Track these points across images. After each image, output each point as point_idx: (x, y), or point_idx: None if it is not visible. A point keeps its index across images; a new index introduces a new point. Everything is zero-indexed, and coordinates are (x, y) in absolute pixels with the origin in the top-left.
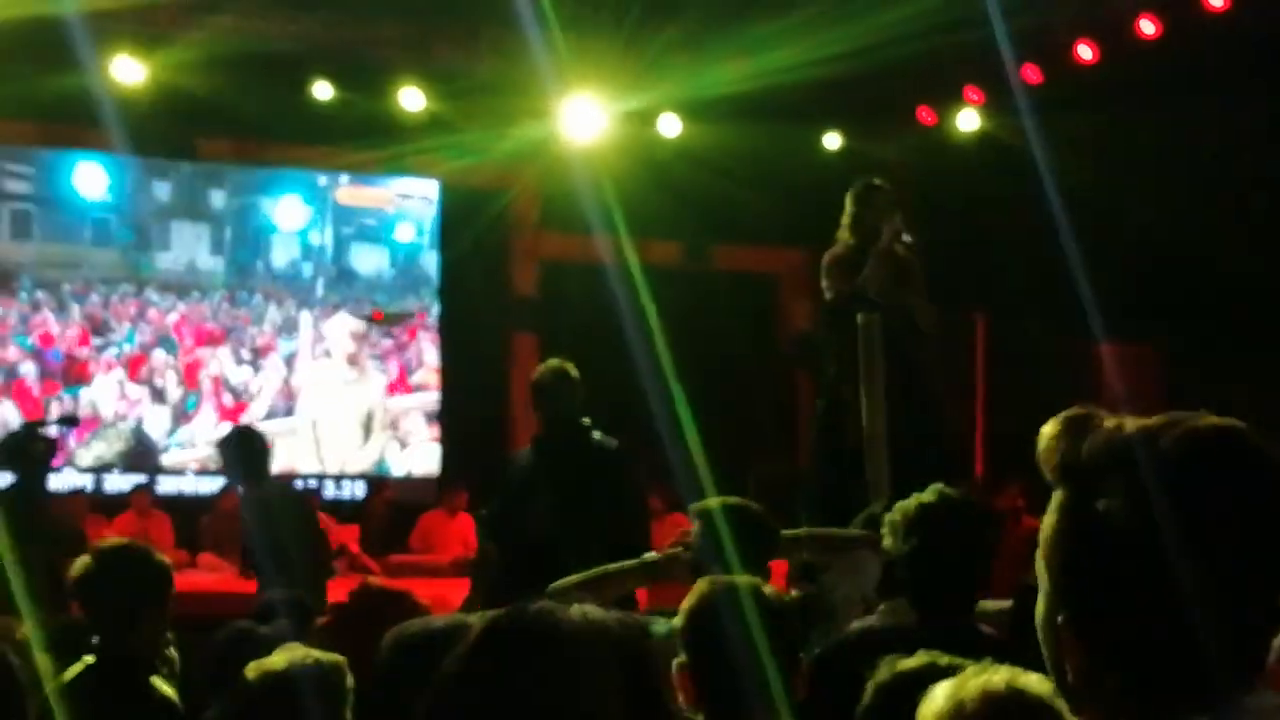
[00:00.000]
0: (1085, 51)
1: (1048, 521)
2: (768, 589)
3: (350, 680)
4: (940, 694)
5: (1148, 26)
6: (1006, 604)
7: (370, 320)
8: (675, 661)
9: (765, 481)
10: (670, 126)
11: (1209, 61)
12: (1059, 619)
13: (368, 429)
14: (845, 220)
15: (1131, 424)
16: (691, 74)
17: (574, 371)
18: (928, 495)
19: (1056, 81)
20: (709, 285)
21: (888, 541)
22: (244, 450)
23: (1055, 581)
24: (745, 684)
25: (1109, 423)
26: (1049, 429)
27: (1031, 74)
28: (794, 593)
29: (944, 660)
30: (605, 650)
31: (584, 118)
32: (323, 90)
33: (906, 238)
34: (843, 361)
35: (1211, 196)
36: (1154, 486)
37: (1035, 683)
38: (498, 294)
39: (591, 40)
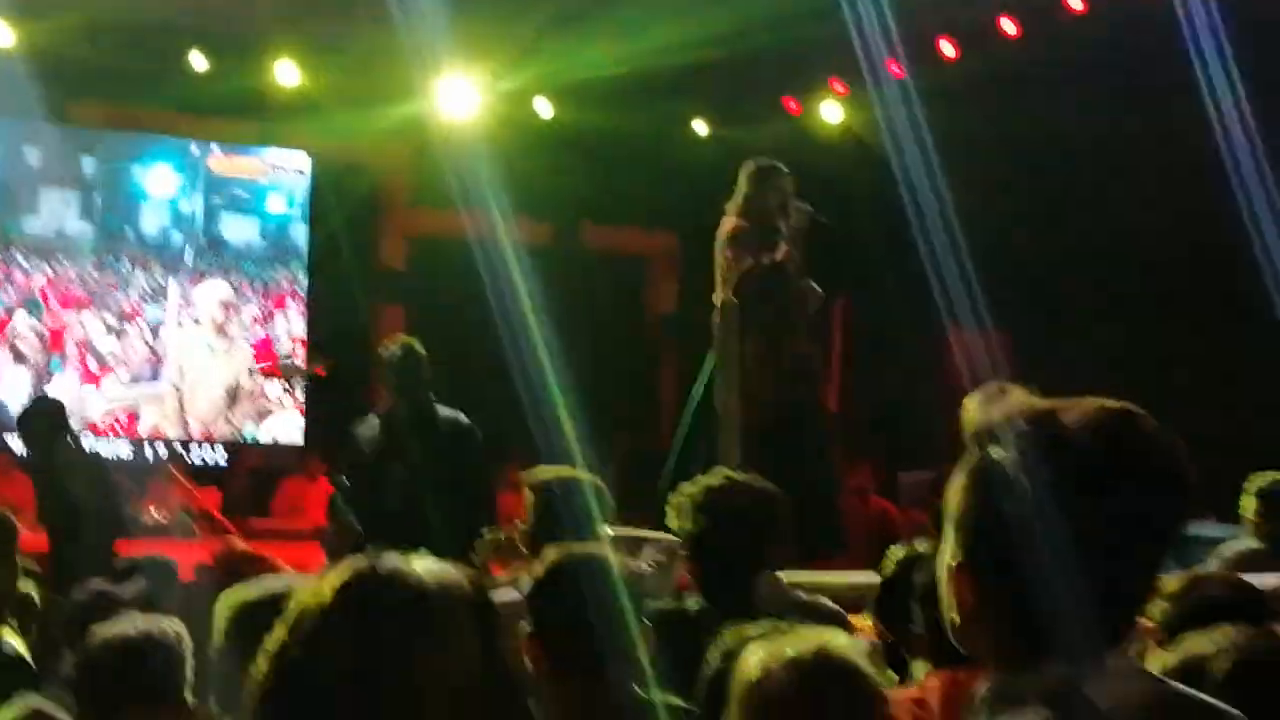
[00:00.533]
0: (948, 48)
1: (955, 479)
2: (613, 556)
3: (189, 644)
4: (753, 658)
5: (1009, 26)
6: (863, 577)
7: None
8: (523, 629)
9: (629, 458)
10: (544, 107)
11: (1067, 62)
12: (953, 563)
13: (233, 397)
14: (739, 199)
15: (1036, 399)
16: (566, 55)
17: (420, 348)
18: (713, 478)
19: (919, 76)
20: (578, 265)
21: (674, 522)
22: (36, 423)
23: (955, 531)
24: (598, 649)
25: (1018, 396)
26: (970, 400)
27: (895, 68)
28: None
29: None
30: (457, 606)
31: (458, 96)
32: (198, 60)
33: (822, 219)
34: (761, 333)
35: (1065, 192)
36: (1051, 453)
37: (844, 645)
38: (366, 267)
39: (467, 19)
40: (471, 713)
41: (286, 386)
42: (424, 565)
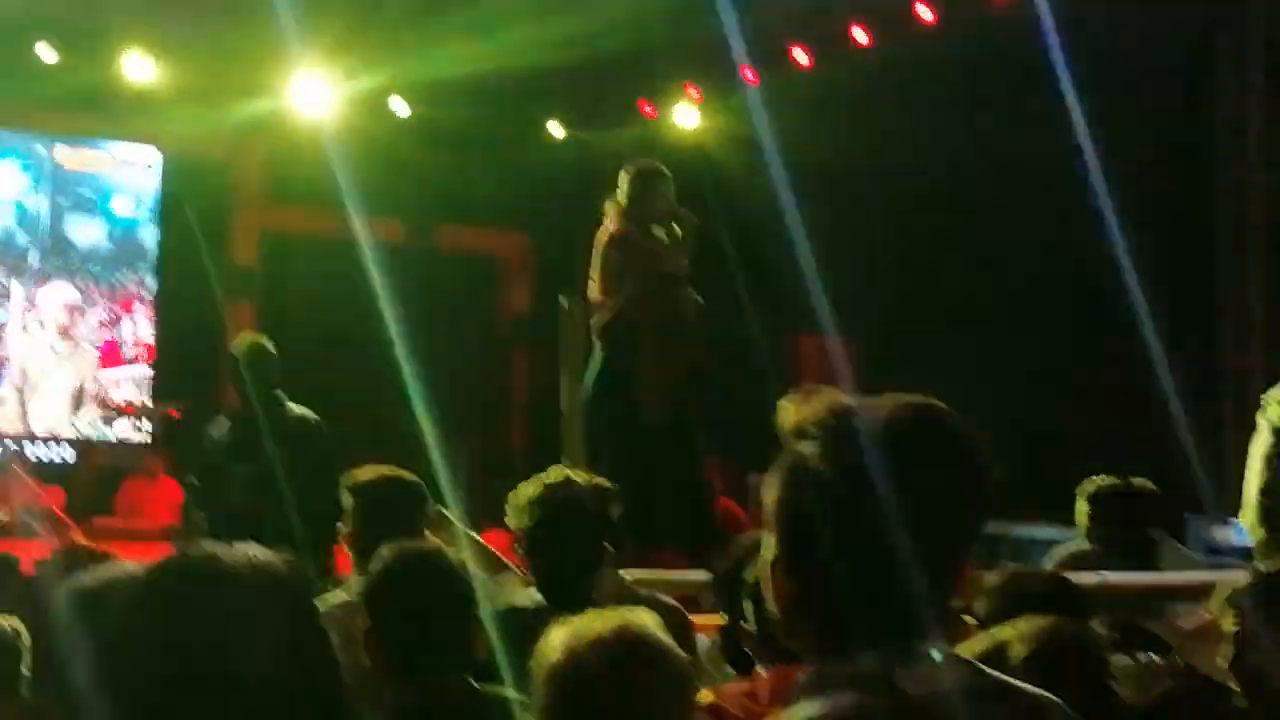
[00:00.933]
0: (801, 56)
1: (769, 477)
2: (449, 553)
3: (27, 640)
4: (555, 639)
5: (861, 35)
6: (705, 574)
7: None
8: (364, 630)
9: (480, 458)
10: (400, 106)
11: (918, 72)
12: (770, 559)
13: (78, 400)
14: (622, 201)
15: (848, 399)
16: (422, 54)
17: (270, 346)
18: (550, 475)
19: (773, 83)
20: (431, 264)
21: (511, 520)
22: None
23: (771, 527)
24: (435, 646)
25: (829, 396)
26: (786, 401)
27: (749, 75)
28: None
29: None
30: (271, 592)
31: (313, 94)
32: (46, 53)
33: (695, 219)
34: (652, 341)
35: (915, 200)
36: (852, 446)
37: (643, 622)
38: (218, 264)
39: (324, 16)
40: (281, 698)
41: (137, 425)
42: (242, 552)
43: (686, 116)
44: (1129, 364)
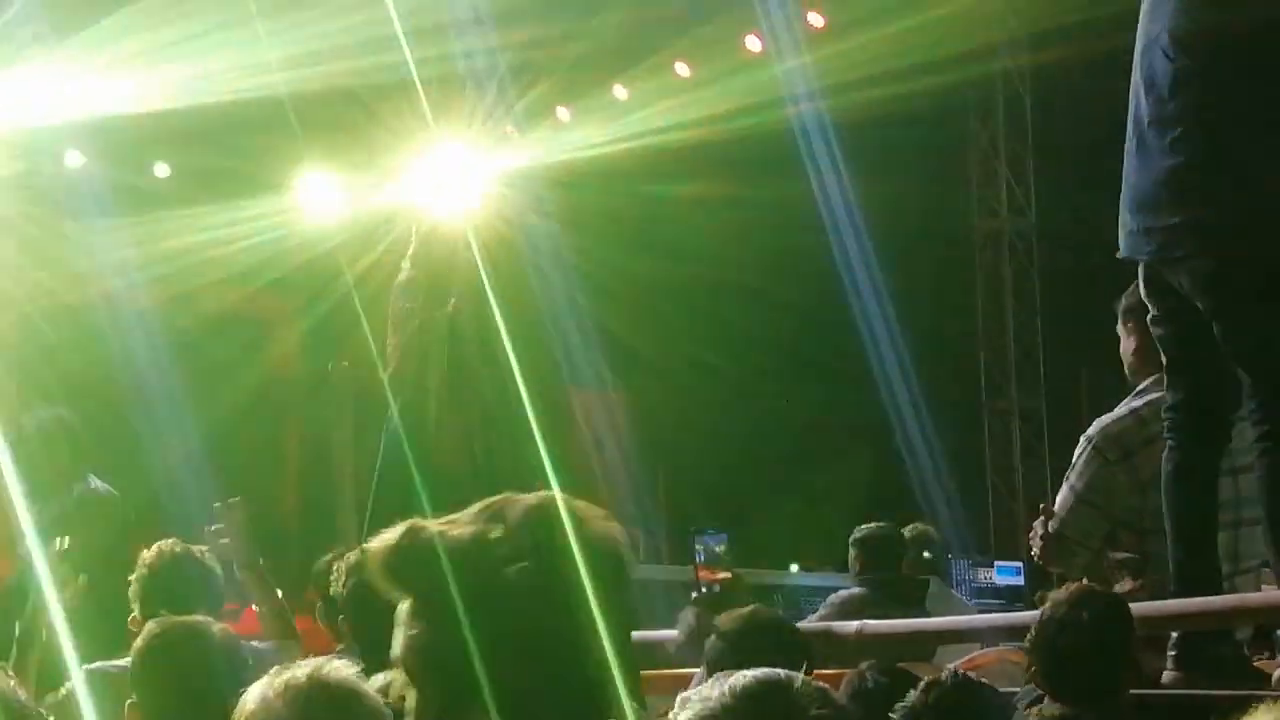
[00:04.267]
0: (682, 69)
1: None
2: (215, 627)
3: None
4: (251, 693)
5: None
6: None
7: None
8: (128, 703)
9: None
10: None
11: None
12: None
13: None
14: (410, 253)
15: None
16: None
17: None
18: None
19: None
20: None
21: (334, 588)
22: None
23: None
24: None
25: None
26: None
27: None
28: None
29: None
30: None
31: None
32: None
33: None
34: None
35: (682, 251)
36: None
37: (337, 669)
38: None
39: None
40: None
41: None
42: None
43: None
44: (892, 411)
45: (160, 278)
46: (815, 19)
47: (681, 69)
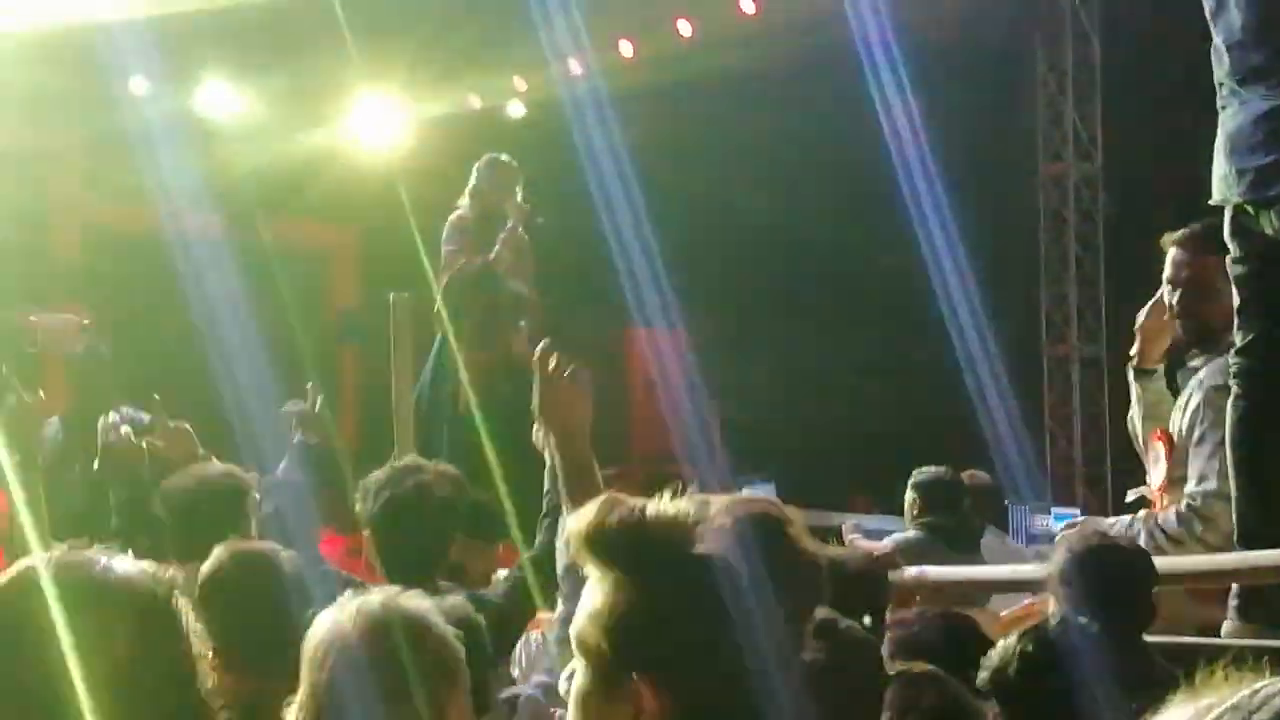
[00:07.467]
0: (626, 48)
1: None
2: (284, 554)
3: None
4: (322, 619)
5: (685, 28)
6: None
7: None
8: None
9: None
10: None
11: (740, 64)
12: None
13: None
14: (468, 189)
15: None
16: None
17: (104, 346)
18: (399, 462)
19: (599, 75)
20: (257, 258)
21: (358, 506)
22: None
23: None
24: (266, 646)
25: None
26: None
27: (576, 66)
28: None
29: None
30: (117, 599)
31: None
32: None
33: (539, 219)
34: (475, 331)
35: (741, 193)
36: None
37: (410, 597)
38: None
39: None
40: (133, 694)
41: None
42: (113, 564)
43: (514, 107)
44: (951, 355)
45: (221, 206)
46: None
47: (747, 5)
